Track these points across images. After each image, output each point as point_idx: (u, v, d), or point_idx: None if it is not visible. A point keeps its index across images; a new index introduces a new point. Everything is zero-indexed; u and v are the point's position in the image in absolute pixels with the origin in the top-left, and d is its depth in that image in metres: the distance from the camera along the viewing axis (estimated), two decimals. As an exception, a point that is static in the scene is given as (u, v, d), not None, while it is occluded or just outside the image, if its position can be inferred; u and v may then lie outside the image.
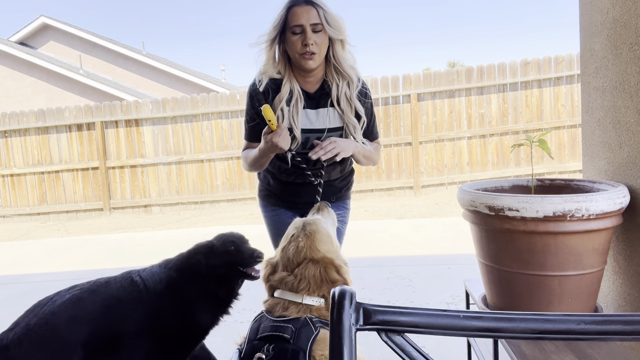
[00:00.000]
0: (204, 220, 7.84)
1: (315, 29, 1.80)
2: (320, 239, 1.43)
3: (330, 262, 1.38)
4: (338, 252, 1.47)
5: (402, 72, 8.52)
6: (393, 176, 8.45)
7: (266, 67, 1.90)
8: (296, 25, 1.79)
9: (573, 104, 7.94)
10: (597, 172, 1.78)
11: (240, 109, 8.62)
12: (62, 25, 15.17)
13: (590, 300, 1.47)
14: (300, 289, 1.34)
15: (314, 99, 1.92)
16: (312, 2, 1.81)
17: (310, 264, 1.37)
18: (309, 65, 1.83)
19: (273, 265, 1.44)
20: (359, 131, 1.94)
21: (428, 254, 4.76)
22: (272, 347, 1.23)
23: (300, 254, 1.39)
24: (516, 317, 0.63)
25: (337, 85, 1.90)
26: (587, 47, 1.81)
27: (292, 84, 1.89)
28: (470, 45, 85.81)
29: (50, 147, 9.10)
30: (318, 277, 1.35)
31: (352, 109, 1.92)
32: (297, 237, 1.43)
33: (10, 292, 4.40)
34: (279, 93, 1.88)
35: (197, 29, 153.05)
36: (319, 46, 1.81)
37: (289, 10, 1.81)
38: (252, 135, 1.99)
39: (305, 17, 1.79)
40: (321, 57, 1.85)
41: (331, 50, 1.87)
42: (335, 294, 0.64)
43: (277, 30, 1.83)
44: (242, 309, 3.54)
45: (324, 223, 1.53)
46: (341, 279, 1.37)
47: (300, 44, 1.80)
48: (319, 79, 1.93)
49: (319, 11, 1.80)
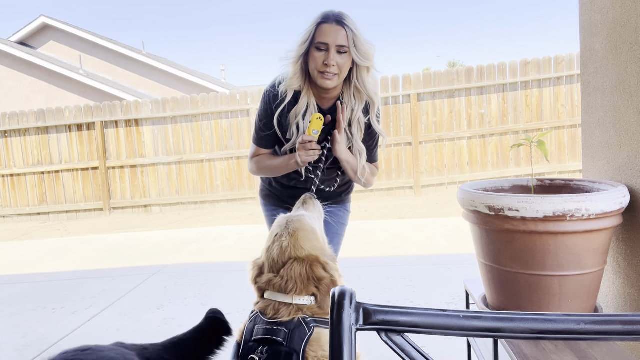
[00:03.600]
0: (204, 220, 7.85)
1: (340, 50, 1.76)
2: (304, 237, 1.40)
3: (315, 259, 1.35)
4: (324, 248, 1.44)
5: (402, 72, 8.53)
6: (393, 176, 8.45)
7: (292, 81, 1.85)
8: (322, 43, 1.76)
9: (573, 104, 7.94)
10: (597, 172, 1.78)
11: (240, 108, 8.63)
12: (62, 25, 15.17)
13: (590, 300, 1.47)
14: (288, 289, 1.32)
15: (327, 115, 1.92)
16: (343, 23, 1.76)
17: (295, 263, 1.34)
18: (326, 85, 1.81)
19: (259, 266, 1.42)
20: (364, 157, 1.94)
21: (428, 254, 4.76)
22: (266, 350, 1.23)
23: (284, 253, 1.37)
24: (516, 317, 0.63)
25: (352, 108, 1.89)
26: (587, 47, 1.81)
27: (309, 98, 1.88)
28: (470, 45, 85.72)
29: (50, 147, 9.10)
30: (305, 275, 1.32)
31: (362, 134, 1.92)
32: (280, 237, 1.40)
33: (10, 292, 4.40)
34: (297, 106, 1.87)
35: (197, 29, 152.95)
36: (340, 68, 1.78)
37: (318, 26, 1.78)
38: (262, 142, 1.98)
39: (333, 37, 1.75)
40: (341, 79, 1.82)
41: (355, 73, 1.84)
42: (335, 294, 0.64)
43: (306, 47, 1.79)
44: (242, 309, 3.55)
45: (308, 218, 1.50)
46: (328, 275, 1.34)
47: (321, 61, 1.77)
48: (335, 97, 1.91)
49: (347, 33, 1.76)
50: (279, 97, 1.88)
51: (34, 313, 3.75)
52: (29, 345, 3.14)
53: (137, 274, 4.70)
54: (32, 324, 3.53)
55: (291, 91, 1.87)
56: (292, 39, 1.90)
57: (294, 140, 1.88)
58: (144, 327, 3.32)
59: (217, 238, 6.16)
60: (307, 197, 1.73)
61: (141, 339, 1.86)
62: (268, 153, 2.01)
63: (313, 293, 1.32)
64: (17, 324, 3.53)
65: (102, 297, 4.05)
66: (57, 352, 1.23)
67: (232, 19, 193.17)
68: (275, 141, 1.97)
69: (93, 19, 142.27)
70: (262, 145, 1.99)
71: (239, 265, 4.77)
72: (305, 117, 1.88)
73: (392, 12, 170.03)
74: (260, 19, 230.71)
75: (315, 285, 1.33)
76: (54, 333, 3.31)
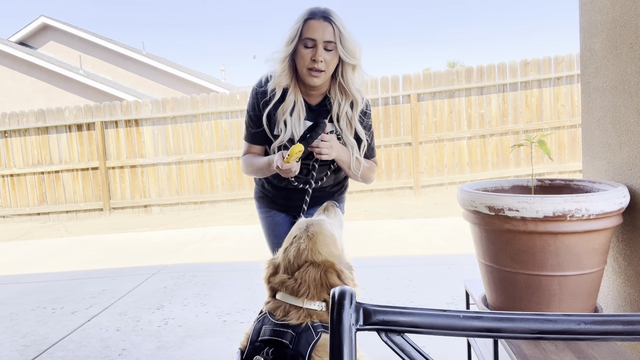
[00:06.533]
0: (204, 220, 7.85)
1: (327, 47, 1.77)
2: (322, 241, 1.39)
3: (331, 265, 1.34)
4: (341, 256, 1.42)
5: (402, 72, 8.53)
6: (393, 176, 8.45)
7: (280, 79, 1.86)
8: (309, 39, 1.77)
9: (573, 104, 7.94)
10: (597, 172, 1.78)
11: (240, 109, 8.62)
12: (62, 25, 15.17)
13: (590, 300, 1.47)
14: (300, 293, 1.30)
15: (314, 112, 1.93)
16: (330, 19, 1.77)
17: (311, 267, 1.33)
18: (314, 83, 1.81)
19: (275, 266, 1.41)
20: (356, 151, 1.94)
21: (428, 254, 4.76)
22: (272, 351, 1.22)
23: (301, 256, 1.35)
24: (516, 317, 0.63)
25: (339, 103, 1.89)
26: (587, 47, 1.81)
27: (296, 95, 1.89)
28: (470, 45, 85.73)
29: (50, 147, 9.10)
30: (318, 281, 1.31)
31: (351, 129, 1.92)
32: (299, 239, 1.39)
33: (10, 292, 4.40)
34: (284, 103, 1.88)
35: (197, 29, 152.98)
36: (327, 64, 1.79)
37: (305, 23, 1.78)
38: (253, 139, 2.00)
39: (320, 32, 1.76)
40: (327, 75, 1.83)
41: (340, 69, 1.85)
42: (335, 294, 0.64)
43: (294, 43, 1.80)
44: (242, 309, 3.55)
45: (328, 224, 1.48)
46: (341, 284, 1.32)
47: (309, 57, 1.77)
48: (322, 93, 1.93)
49: (334, 29, 1.77)
50: (267, 94, 1.90)
51: (34, 313, 3.75)
52: (29, 345, 3.14)
53: (137, 274, 4.70)
54: (32, 324, 3.53)
55: (279, 89, 1.88)
56: (279, 37, 1.90)
57: (282, 138, 1.89)
58: (144, 327, 3.32)
59: (217, 238, 6.16)
60: (329, 204, 1.71)
61: (141, 339, 1.87)
62: (258, 151, 2.02)
63: (324, 299, 1.31)
64: (17, 324, 3.53)
65: (102, 297, 4.05)
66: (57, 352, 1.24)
67: (232, 19, 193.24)
68: (265, 138, 1.97)
69: (93, 19, 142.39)
70: (251, 142, 2.01)
71: (239, 265, 4.78)
72: (293, 114, 1.88)
73: (392, 12, 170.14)
74: (260, 19, 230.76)
75: (328, 292, 1.31)
76: (54, 333, 3.31)
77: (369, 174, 2.04)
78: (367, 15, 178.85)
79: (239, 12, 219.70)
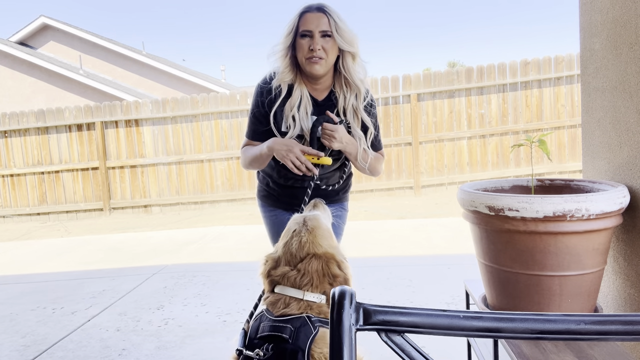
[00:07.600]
0: (204, 220, 7.84)
1: (323, 35, 1.82)
2: (321, 234, 1.44)
3: (332, 257, 1.39)
4: (338, 248, 1.49)
5: (402, 72, 8.53)
6: (393, 176, 8.45)
7: (284, 75, 1.90)
8: (306, 30, 1.82)
9: (573, 104, 7.94)
10: (597, 172, 1.78)
11: (240, 109, 8.63)
12: (62, 25, 15.17)
13: (590, 300, 1.47)
14: (303, 284, 1.35)
15: (321, 107, 1.94)
16: (324, 10, 1.83)
17: (313, 259, 1.38)
18: (315, 70, 1.84)
19: (275, 260, 1.45)
20: (364, 142, 1.96)
21: (428, 254, 4.76)
22: (271, 347, 1.24)
23: (303, 248, 1.40)
24: (516, 317, 0.63)
25: (344, 96, 1.92)
26: (587, 47, 1.81)
27: (302, 90, 1.91)
28: (470, 45, 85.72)
29: (50, 147, 9.10)
30: (321, 272, 1.36)
31: (358, 121, 1.95)
32: (299, 232, 1.43)
33: (10, 292, 4.40)
34: (291, 98, 1.90)
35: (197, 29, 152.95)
36: (326, 52, 1.83)
37: (300, 16, 1.84)
38: (255, 135, 2.00)
39: (315, 23, 1.81)
40: (328, 63, 1.86)
41: (341, 60, 1.89)
42: (335, 294, 0.64)
43: (291, 37, 1.86)
44: (242, 309, 3.55)
45: (323, 219, 1.54)
46: (342, 273, 1.38)
47: (307, 47, 1.82)
48: (327, 87, 1.95)
49: (329, 19, 1.82)
50: (272, 91, 1.92)
51: (34, 313, 3.75)
52: (29, 345, 3.14)
53: (137, 274, 4.70)
54: (32, 324, 3.53)
55: (285, 85, 1.91)
56: (278, 32, 1.94)
57: (291, 133, 1.90)
58: (144, 327, 3.32)
59: (217, 238, 6.16)
60: (317, 201, 1.76)
61: (141, 339, 1.88)
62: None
63: (324, 291, 1.36)
64: (17, 324, 3.53)
65: (102, 297, 4.05)
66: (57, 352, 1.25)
67: (232, 19, 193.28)
68: (268, 135, 1.97)
69: (93, 19, 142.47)
70: (253, 138, 2.02)
71: (239, 265, 4.78)
72: (300, 109, 1.90)
73: (392, 12, 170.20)
74: (260, 20, 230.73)
75: (330, 283, 1.37)
76: (54, 333, 3.31)
77: (376, 166, 2.05)
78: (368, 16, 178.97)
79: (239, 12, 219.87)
